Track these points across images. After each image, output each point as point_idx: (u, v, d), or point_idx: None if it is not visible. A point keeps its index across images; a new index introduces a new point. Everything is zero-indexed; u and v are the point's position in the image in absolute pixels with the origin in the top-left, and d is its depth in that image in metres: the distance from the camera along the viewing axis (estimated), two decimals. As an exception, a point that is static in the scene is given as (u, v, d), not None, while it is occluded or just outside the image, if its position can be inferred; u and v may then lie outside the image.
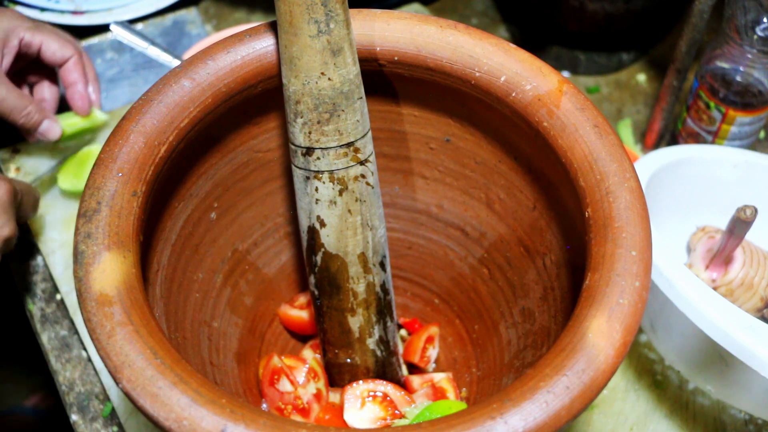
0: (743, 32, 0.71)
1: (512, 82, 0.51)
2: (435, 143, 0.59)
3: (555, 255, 0.54)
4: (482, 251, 0.62)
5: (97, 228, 0.44)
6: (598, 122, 0.49)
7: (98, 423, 0.65)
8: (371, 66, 0.54)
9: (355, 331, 0.58)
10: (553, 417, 0.39)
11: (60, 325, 0.70)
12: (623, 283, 0.43)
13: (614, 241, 0.45)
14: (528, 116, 0.51)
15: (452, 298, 0.65)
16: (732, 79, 0.74)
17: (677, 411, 0.67)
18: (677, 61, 0.76)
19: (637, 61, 0.94)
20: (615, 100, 0.91)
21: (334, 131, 0.50)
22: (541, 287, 0.56)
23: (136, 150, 0.47)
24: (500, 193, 0.58)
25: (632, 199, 0.46)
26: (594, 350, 0.41)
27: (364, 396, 0.59)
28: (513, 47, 0.52)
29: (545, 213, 0.55)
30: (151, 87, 0.50)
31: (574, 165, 0.49)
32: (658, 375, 0.69)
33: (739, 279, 0.68)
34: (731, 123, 0.76)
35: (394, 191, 0.63)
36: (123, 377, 0.40)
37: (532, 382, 0.40)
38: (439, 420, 0.39)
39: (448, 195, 0.62)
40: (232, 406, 0.39)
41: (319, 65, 0.48)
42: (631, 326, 0.42)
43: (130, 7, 0.89)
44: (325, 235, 0.54)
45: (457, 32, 0.52)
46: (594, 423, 0.66)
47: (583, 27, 0.89)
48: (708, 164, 0.72)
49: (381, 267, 0.56)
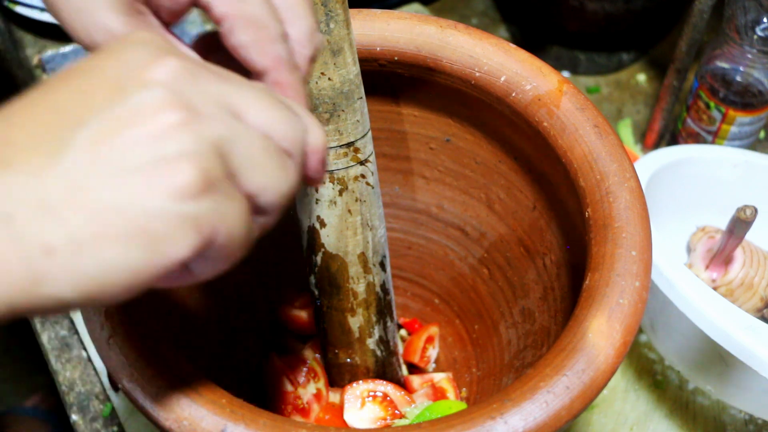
0: (743, 32, 0.71)
1: (512, 82, 0.51)
2: (435, 143, 0.59)
3: (555, 255, 0.54)
4: (482, 251, 0.62)
5: (97, 228, 0.44)
6: (598, 122, 0.49)
7: (98, 423, 0.65)
8: (371, 66, 0.54)
9: (355, 331, 0.58)
10: (553, 417, 0.39)
11: (60, 325, 0.70)
12: (623, 283, 0.43)
13: (614, 241, 0.45)
14: (528, 116, 0.51)
15: (452, 298, 0.65)
16: (732, 79, 0.74)
17: (677, 411, 0.67)
18: (677, 61, 0.76)
19: (637, 61, 0.94)
20: (615, 100, 0.91)
21: (334, 131, 0.50)
22: (541, 287, 0.56)
23: (136, 150, 0.47)
24: (500, 193, 0.58)
25: (632, 199, 0.46)
26: (594, 350, 0.41)
27: (364, 396, 0.59)
28: (513, 47, 0.52)
29: (545, 213, 0.55)
30: (151, 87, 0.50)
31: (574, 165, 0.49)
32: (658, 375, 0.69)
33: (739, 279, 0.68)
34: (731, 123, 0.76)
35: (394, 191, 0.63)
36: (123, 377, 0.40)
37: (532, 382, 0.40)
38: (439, 420, 0.39)
39: (448, 195, 0.62)
40: (232, 406, 0.39)
41: (319, 65, 0.48)
42: (631, 326, 0.42)
43: (130, 7, 0.88)
44: (325, 235, 0.54)
45: (457, 32, 0.52)
46: (594, 423, 0.66)
47: (583, 27, 0.89)
48: (708, 164, 0.72)
49: (381, 267, 0.56)
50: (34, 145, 0.28)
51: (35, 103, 0.30)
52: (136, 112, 0.29)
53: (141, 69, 0.30)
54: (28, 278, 0.27)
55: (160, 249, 0.28)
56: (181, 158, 0.28)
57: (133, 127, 0.28)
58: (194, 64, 0.31)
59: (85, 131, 0.28)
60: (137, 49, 0.31)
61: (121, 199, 0.28)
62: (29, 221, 0.27)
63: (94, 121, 0.29)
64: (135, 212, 0.28)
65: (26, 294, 0.27)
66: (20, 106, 0.30)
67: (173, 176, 0.28)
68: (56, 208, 0.27)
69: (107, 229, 0.28)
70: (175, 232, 0.29)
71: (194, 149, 0.29)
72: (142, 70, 0.30)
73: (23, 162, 0.28)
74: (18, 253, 0.27)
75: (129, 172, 0.28)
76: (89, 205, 0.28)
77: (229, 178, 0.30)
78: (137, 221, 0.28)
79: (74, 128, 0.28)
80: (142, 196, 0.28)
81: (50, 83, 0.30)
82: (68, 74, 0.30)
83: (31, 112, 0.29)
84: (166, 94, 0.29)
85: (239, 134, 0.31)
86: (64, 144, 0.28)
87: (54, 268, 0.27)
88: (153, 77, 0.30)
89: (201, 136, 0.29)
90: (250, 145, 0.31)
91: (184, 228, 0.29)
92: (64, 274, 0.28)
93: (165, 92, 0.29)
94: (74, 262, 0.28)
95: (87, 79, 0.30)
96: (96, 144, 0.28)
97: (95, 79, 0.30)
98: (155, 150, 0.28)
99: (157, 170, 0.28)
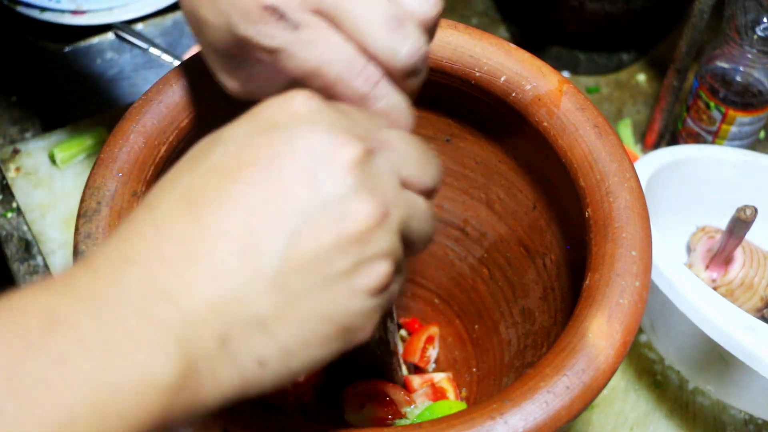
0: (743, 32, 0.71)
1: (512, 82, 0.51)
2: (435, 143, 0.59)
3: (555, 255, 0.54)
4: (482, 251, 0.62)
5: (97, 228, 0.44)
6: (598, 122, 0.49)
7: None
8: (371, 66, 0.54)
9: (355, 331, 0.58)
10: (553, 417, 0.39)
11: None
12: (623, 283, 0.43)
13: (614, 241, 0.45)
14: (528, 116, 0.51)
15: (452, 298, 0.65)
16: (732, 79, 0.74)
17: (677, 411, 0.67)
18: (677, 61, 0.76)
19: (637, 61, 0.94)
20: (615, 100, 0.91)
21: (334, 131, 0.50)
22: (541, 287, 0.56)
23: (136, 150, 0.47)
24: (500, 193, 0.58)
25: (632, 199, 0.46)
26: (594, 350, 0.41)
27: (364, 396, 0.59)
28: (513, 47, 0.52)
29: (545, 213, 0.55)
30: (151, 87, 0.50)
31: (574, 165, 0.49)
32: (658, 375, 0.69)
33: (739, 279, 0.68)
34: (731, 123, 0.76)
35: (394, 191, 0.63)
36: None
37: (532, 382, 0.40)
38: (439, 420, 0.39)
39: (448, 195, 0.62)
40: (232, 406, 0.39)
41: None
42: (631, 326, 0.42)
43: (130, 7, 0.89)
44: (325, 235, 0.54)
45: (457, 32, 0.52)
46: (594, 423, 0.66)
47: (583, 27, 0.89)
48: (708, 164, 0.72)
49: (381, 267, 0.56)
50: (236, 257, 0.28)
51: (225, 196, 0.29)
52: (336, 214, 0.29)
53: (329, 156, 0.29)
54: (240, 385, 0.29)
55: (355, 338, 0.31)
56: (380, 258, 0.30)
57: (335, 232, 0.29)
58: (369, 141, 0.31)
59: (284, 237, 0.29)
60: (317, 130, 0.30)
61: (327, 307, 0.29)
62: (243, 339, 0.29)
63: (292, 222, 0.29)
64: (339, 317, 0.30)
65: (235, 395, 0.30)
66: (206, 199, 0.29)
67: (372, 277, 0.30)
68: (267, 325, 0.29)
69: (314, 336, 0.29)
70: (368, 321, 0.31)
71: (389, 247, 0.30)
72: (331, 157, 0.29)
73: (229, 278, 0.28)
74: (233, 369, 0.29)
75: (333, 281, 0.29)
76: (297, 317, 0.29)
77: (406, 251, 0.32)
78: (340, 324, 0.30)
79: (274, 231, 0.29)
80: (345, 301, 0.30)
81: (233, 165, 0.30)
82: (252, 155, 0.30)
83: (224, 208, 0.29)
84: (359, 188, 0.29)
85: (414, 210, 0.32)
86: (267, 253, 0.29)
87: (265, 375, 0.29)
88: (343, 165, 0.29)
89: (392, 231, 0.30)
90: (420, 217, 0.33)
91: (374, 314, 0.31)
92: (271, 377, 0.30)
93: (357, 185, 0.29)
94: (283, 368, 0.30)
95: (275, 168, 0.29)
96: (298, 251, 0.29)
97: (285, 169, 0.29)
98: (357, 256, 0.29)
99: (359, 274, 0.29)
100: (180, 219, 0.29)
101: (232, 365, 0.29)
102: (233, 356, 0.28)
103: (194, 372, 0.28)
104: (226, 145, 0.30)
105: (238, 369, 0.29)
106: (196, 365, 0.28)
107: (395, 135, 0.33)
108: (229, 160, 0.30)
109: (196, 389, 0.28)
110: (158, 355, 0.27)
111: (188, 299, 0.28)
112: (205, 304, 0.28)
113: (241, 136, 0.30)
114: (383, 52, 0.34)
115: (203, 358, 0.28)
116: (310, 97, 0.31)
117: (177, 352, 0.27)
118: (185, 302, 0.28)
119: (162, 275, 0.28)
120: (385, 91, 0.35)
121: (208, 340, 0.28)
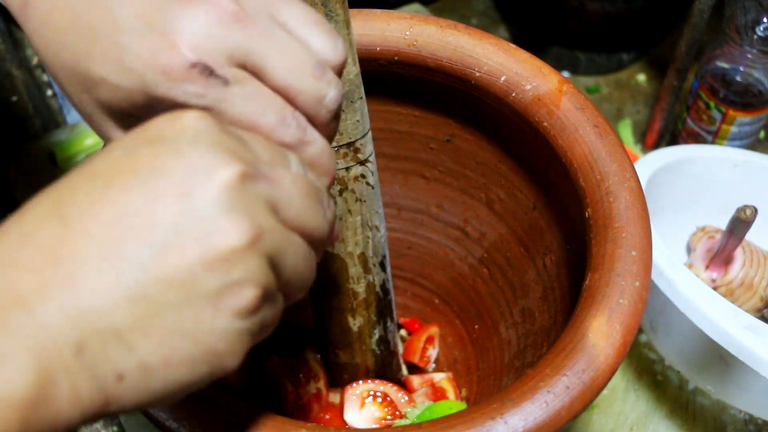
0: (743, 32, 0.71)
1: (512, 82, 0.51)
2: (435, 143, 0.59)
3: (555, 255, 0.54)
4: (482, 251, 0.62)
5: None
6: (598, 122, 0.49)
7: (98, 423, 0.65)
8: (371, 66, 0.54)
9: (355, 331, 0.58)
10: (553, 417, 0.39)
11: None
12: (623, 283, 0.43)
13: (614, 241, 0.45)
14: (528, 116, 0.51)
15: (452, 298, 0.65)
16: (732, 79, 0.74)
17: (677, 411, 0.67)
18: (677, 61, 0.76)
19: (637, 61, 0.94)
20: (615, 100, 0.91)
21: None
22: (541, 287, 0.56)
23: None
24: (500, 193, 0.58)
25: (632, 199, 0.46)
26: (594, 350, 0.41)
27: (364, 396, 0.59)
28: (513, 47, 0.52)
29: (545, 213, 0.55)
30: (151, 87, 0.50)
31: (574, 165, 0.49)
32: (658, 375, 0.69)
33: (739, 279, 0.68)
34: (731, 123, 0.76)
35: (395, 191, 0.63)
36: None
37: (532, 382, 0.40)
38: (439, 420, 0.39)
39: (448, 195, 0.62)
40: (232, 406, 0.39)
41: (319, 65, 0.48)
42: (631, 326, 0.42)
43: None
44: (325, 235, 0.54)
45: (457, 32, 0.52)
46: (594, 423, 0.66)
47: (583, 27, 0.89)
48: (708, 164, 0.72)
49: (381, 267, 0.56)
50: (98, 264, 0.27)
51: (97, 200, 0.28)
52: (206, 231, 0.28)
53: (207, 173, 0.29)
54: (100, 400, 0.28)
55: (222, 364, 0.30)
56: (248, 282, 0.29)
57: (202, 249, 0.28)
58: (252, 167, 0.30)
59: (150, 248, 0.28)
60: (200, 147, 0.30)
61: (189, 324, 0.29)
62: (101, 350, 0.27)
63: (160, 234, 0.28)
64: (202, 336, 0.29)
65: (95, 411, 0.28)
66: (77, 202, 0.28)
67: (239, 299, 0.29)
68: (126, 337, 0.28)
69: (175, 354, 0.29)
70: (235, 347, 0.30)
71: (259, 272, 0.30)
72: (209, 174, 0.29)
73: (89, 286, 0.27)
74: (90, 381, 0.27)
75: (197, 298, 0.28)
76: (158, 332, 0.28)
77: (277, 283, 0.32)
78: (203, 344, 0.29)
79: (140, 245, 0.28)
80: (209, 320, 0.29)
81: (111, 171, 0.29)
82: (132, 163, 0.29)
83: (91, 211, 0.28)
84: (232, 209, 0.29)
85: (288, 242, 0.32)
86: (129, 263, 0.28)
87: (124, 391, 0.28)
88: (220, 184, 0.29)
89: (261, 257, 0.30)
90: (295, 253, 0.32)
91: (242, 340, 0.30)
92: (131, 394, 0.28)
93: (231, 205, 0.29)
94: (142, 385, 0.28)
95: (152, 178, 0.29)
96: (162, 264, 0.28)
97: (162, 180, 0.29)
98: (223, 275, 0.29)
99: (225, 294, 0.29)
100: (47, 222, 0.28)
101: (90, 378, 0.27)
102: (91, 368, 0.27)
103: (51, 385, 0.26)
104: (110, 152, 0.30)
105: (97, 382, 0.27)
106: (53, 378, 0.26)
107: (288, 177, 0.32)
108: (109, 166, 0.29)
109: (54, 404, 0.26)
110: (11, 367, 0.25)
111: (43, 307, 0.26)
112: (61, 313, 0.27)
113: (127, 144, 0.30)
114: (311, 100, 0.34)
115: (60, 371, 0.26)
116: (202, 117, 0.30)
117: (31, 363, 0.26)
118: (40, 310, 0.26)
119: (20, 281, 0.27)
120: (313, 137, 0.35)
121: (64, 350, 0.26)
